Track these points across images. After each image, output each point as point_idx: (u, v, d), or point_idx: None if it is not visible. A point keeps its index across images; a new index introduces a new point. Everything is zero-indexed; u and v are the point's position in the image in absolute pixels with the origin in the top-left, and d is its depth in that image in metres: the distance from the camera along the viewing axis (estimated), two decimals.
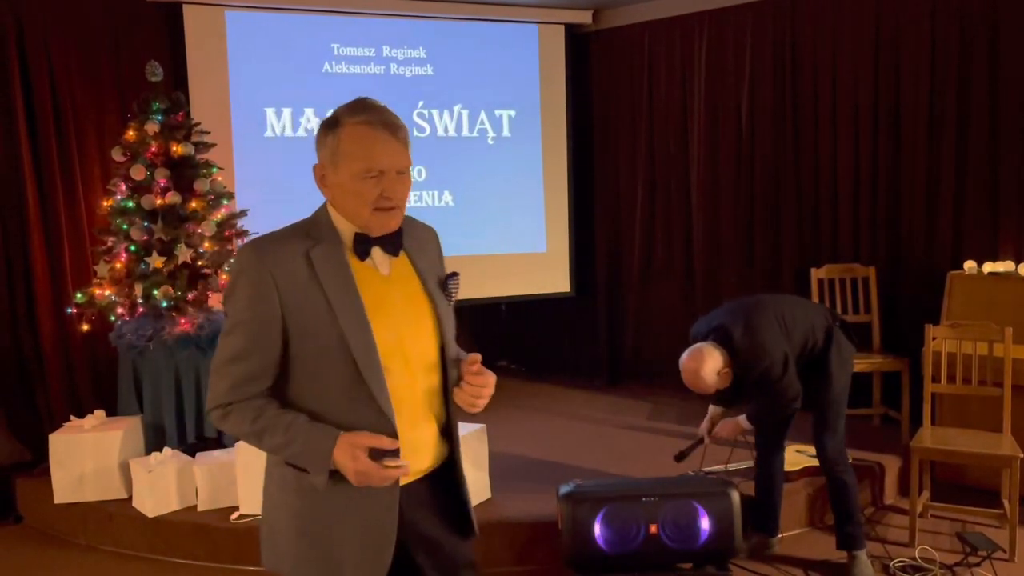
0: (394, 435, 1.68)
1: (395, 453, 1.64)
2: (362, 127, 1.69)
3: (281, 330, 1.68)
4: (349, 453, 1.62)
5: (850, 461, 3.51)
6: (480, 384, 1.79)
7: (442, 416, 1.84)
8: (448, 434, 1.86)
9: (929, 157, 4.81)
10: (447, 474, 1.87)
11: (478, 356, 1.79)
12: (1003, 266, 4.38)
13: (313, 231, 1.75)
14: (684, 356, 3.23)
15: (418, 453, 1.78)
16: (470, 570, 1.92)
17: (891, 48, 4.90)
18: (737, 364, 3.20)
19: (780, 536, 3.73)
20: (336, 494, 1.70)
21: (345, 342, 1.66)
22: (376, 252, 1.77)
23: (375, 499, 1.71)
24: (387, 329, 1.73)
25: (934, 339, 3.91)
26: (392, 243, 1.77)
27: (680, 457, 3.65)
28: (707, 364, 3.16)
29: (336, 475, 1.67)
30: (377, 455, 1.63)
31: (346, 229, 1.76)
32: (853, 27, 5.01)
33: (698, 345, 3.23)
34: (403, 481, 1.74)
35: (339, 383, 1.69)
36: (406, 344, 1.76)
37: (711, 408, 3.56)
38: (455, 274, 1.92)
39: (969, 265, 4.45)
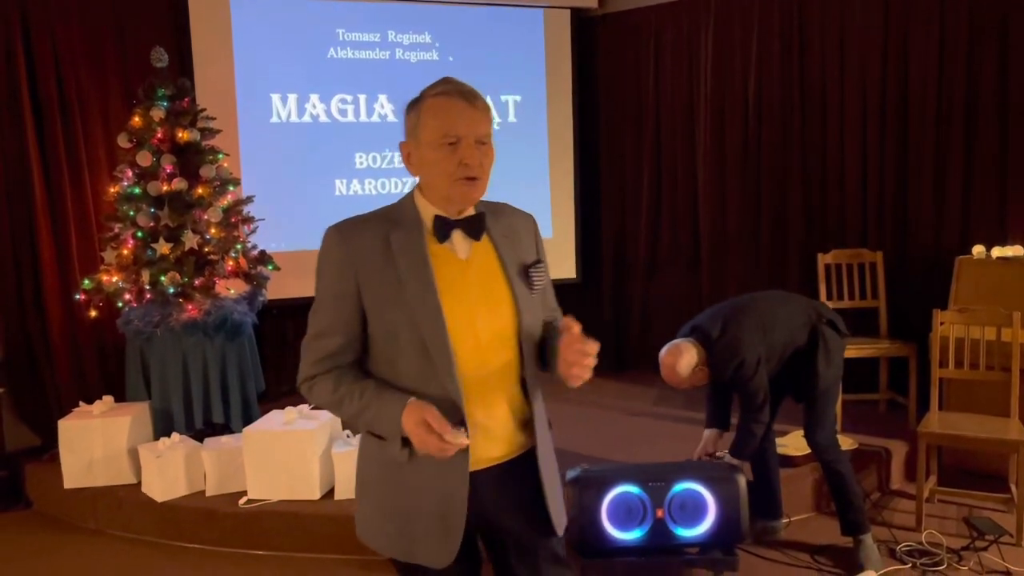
0: (460, 415, 1.70)
1: (461, 429, 1.65)
2: (440, 98, 1.73)
3: (359, 309, 1.74)
4: (414, 418, 1.64)
5: (843, 448, 3.53)
6: (577, 352, 1.71)
7: (519, 404, 1.83)
8: (528, 424, 1.84)
9: (937, 141, 4.77)
10: (524, 465, 1.84)
11: (574, 323, 1.72)
12: (1012, 250, 4.36)
13: (395, 215, 1.79)
14: (662, 351, 3.31)
15: (489, 439, 1.78)
16: (554, 565, 1.88)
17: (900, 30, 4.86)
18: (711, 362, 3.26)
19: (787, 521, 3.74)
20: (413, 470, 1.74)
21: (415, 322, 1.70)
22: (456, 235, 1.78)
23: (446, 480, 1.73)
24: (459, 311, 1.73)
25: (942, 324, 3.89)
26: (473, 227, 1.78)
27: None
28: (682, 359, 3.22)
29: (414, 451, 1.70)
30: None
31: (428, 212, 1.78)
32: (861, 10, 4.96)
33: (676, 341, 3.31)
34: (473, 467, 1.74)
35: (410, 362, 1.73)
36: (479, 328, 1.76)
37: (705, 432, 3.57)
38: (539, 262, 1.88)
39: (977, 249, 4.43)
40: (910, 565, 3.39)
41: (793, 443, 4.01)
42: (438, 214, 1.76)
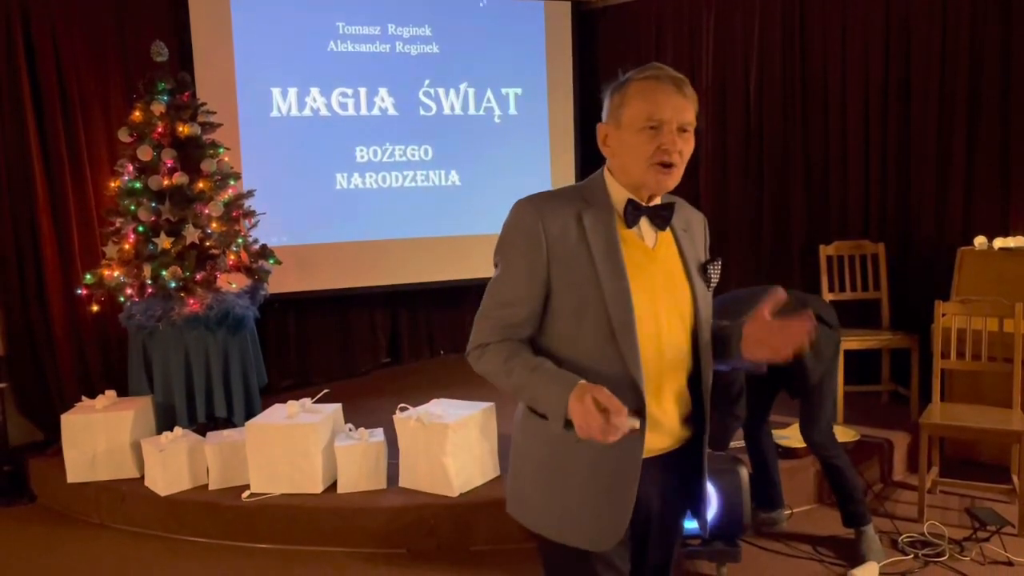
0: (639, 396, 1.69)
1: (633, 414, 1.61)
2: (648, 81, 1.71)
3: (545, 282, 1.72)
4: (580, 395, 1.59)
5: (844, 440, 3.54)
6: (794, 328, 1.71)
7: (685, 398, 1.82)
8: (692, 419, 1.84)
9: (940, 132, 4.76)
10: (685, 460, 1.86)
11: (781, 293, 1.76)
12: (1014, 241, 4.35)
13: (587, 195, 1.77)
14: None
15: (657, 429, 1.77)
16: (674, 561, 1.97)
17: (902, 20, 4.84)
18: None
19: (789, 512, 3.74)
20: (583, 450, 1.70)
21: (604, 301, 1.69)
22: (644, 223, 1.78)
23: (621, 462, 1.72)
24: (644, 298, 1.73)
25: (944, 315, 3.89)
26: (661, 216, 1.78)
27: None
28: None
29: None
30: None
31: (619, 196, 1.77)
32: (864, 1, 4.95)
33: None
34: (644, 454, 1.73)
35: (593, 341, 1.71)
36: (661, 317, 1.76)
37: None
38: (717, 259, 1.88)
39: (979, 240, 4.42)
40: (912, 556, 3.40)
41: (795, 435, 4.00)
42: (631, 199, 1.75)
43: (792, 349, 1.72)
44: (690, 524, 3.09)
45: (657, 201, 1.80)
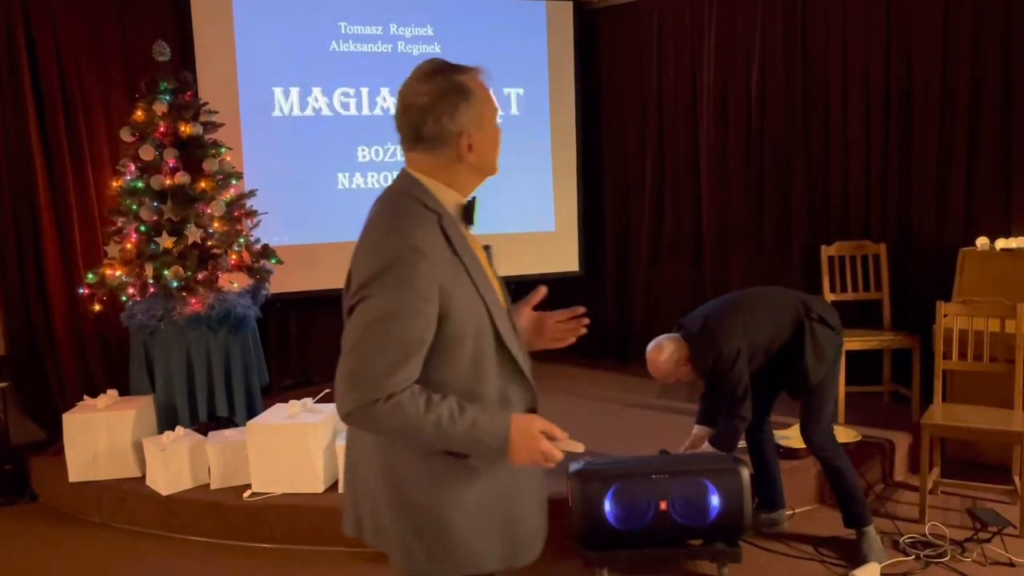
0: (534, 397, 1.75)
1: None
2: (482, 77, 1.73)
3: (437, 313, 1.57)
4: (521, 427, 1.60)
5: (845, 440, 3.56)
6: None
7: None
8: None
9: (941, 133, 4.76)
10: None
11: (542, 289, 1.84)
12: (1016, 242, 4.35)
13: (428, 202, 1.66)
14: (648, 346, 3.40)
15: None
16: None
17: (904, 20, 4.83)
18: (692, 357, 3.32)
19: (790, 512, 3.74)
20: (519, 473, 1.73)
21: (490, 317, 1.65)
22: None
23: (535, 476, 1.80)
24: (501, 301, 1.74)
25: (945, 316, 3.89)
26: (472, 212, 1.76)
27: (664, 453, 3.71)
28: (663, 354, 3.32)
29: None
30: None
31: (450, 200, 1.70)
32: (865, 1, 4.94)
33: (661, 336, 3.40)
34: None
35: (491, 361, 1.66)
36: (512, 318, 1.76)
37: (695, 429, 3.58)
38: (488, 247, 1.87)
39: (981, 241, 4.42)
40: (914, 557, 3.40)
41: (795, 435, 3.99)
42: (466, 199, 1.72)
43: (569, 340, 1.83)
44: (693, 525, 3.14)
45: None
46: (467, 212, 1.71)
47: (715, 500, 3.15)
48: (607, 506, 3.14)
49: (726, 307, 3.40)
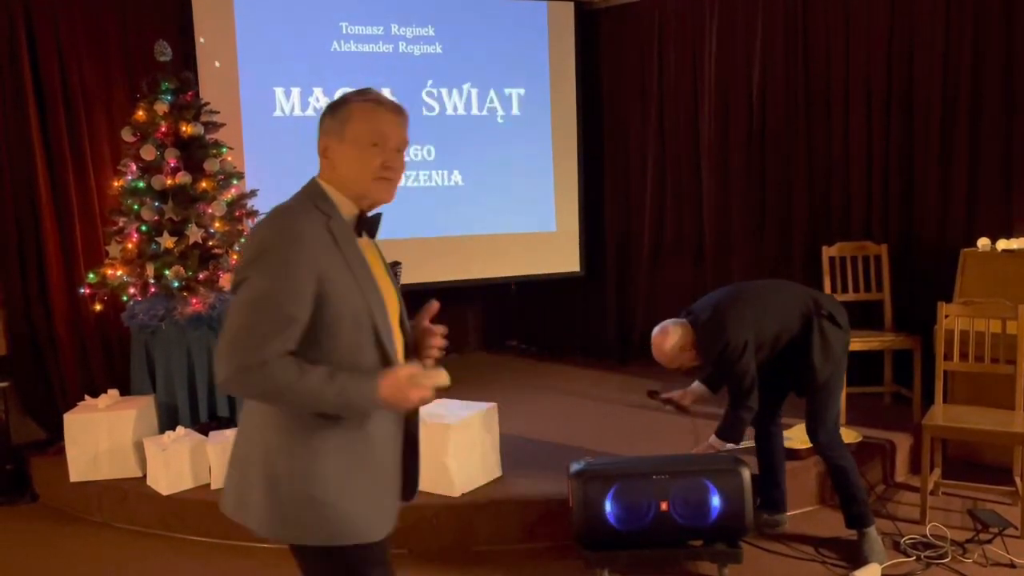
0: (413, 414, 1.92)
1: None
2: (371, 103, 1.84)
3: (315, 295, 1.73)
4: (395, 386, 1.73)
5: (847, 441, 3.56)
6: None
7: None
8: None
9: (943, 133, 4.75)
10: (408, 438, 2.01)
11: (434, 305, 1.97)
12: (1017, 243, 4.35)
13: (322, 205, 1.83)
14: (654, 331, 3.39)
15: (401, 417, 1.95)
16: None
17: (905, 21, 4.84)
18: (698, 344, 3.32)
19: (786, 515, 3.74)
20: (376, 445, 1.85)
21: (370, 312, 1.79)
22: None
23: (396, 445, 1.91)
24: (385, 298, 1.87)
25: (947, 317, 3.89)
26: (375, 227, 1.90)
27: (652, 393, 3.73)
28: (669, 339, 3.31)
29: (368, 433, 1.82)
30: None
31: (345, 206, 1.86)
32: (867, 1, 4.94)
33: (666, 321, 3.39)
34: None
35: (370, 350, 1.81)
36: (392, 317, 1.90)
37: (695, 383, 3.59)
38: (398, 263, 2.05)
39: (983, 242, 4.42)
40: (915, 558, 3.39)
41: (797, 436, 4.00)
42: (362, 210, 1.87)
43: (431, 353, 1.98)
44: (693, 525, 3.14)
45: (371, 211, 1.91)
46: (359, 224, 1.86)
47: (716, 501, 3.15)
48: (608, 506, 3.14)
49: (736, 297, 3.39)
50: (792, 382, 3.46)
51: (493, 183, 5.97)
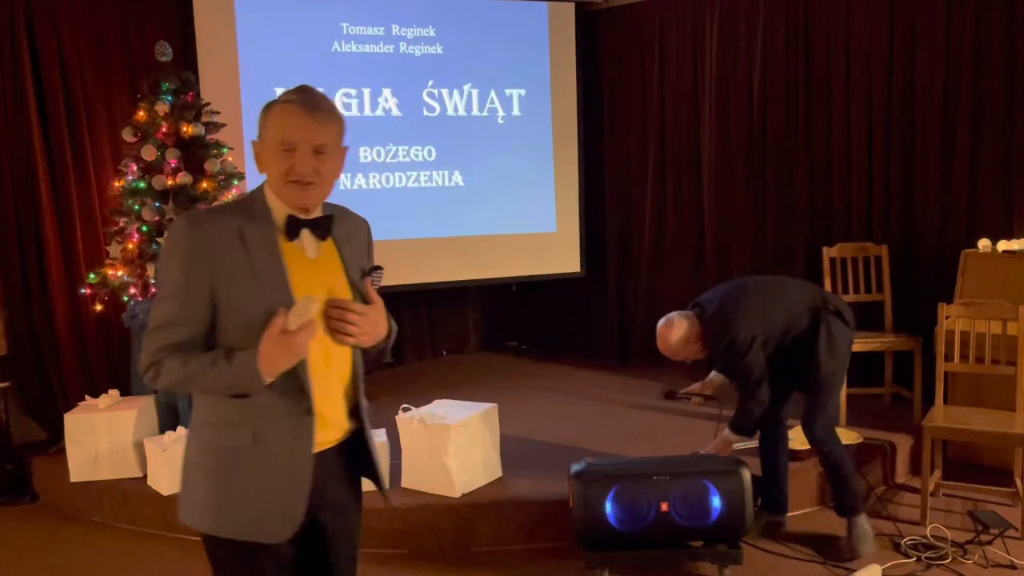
0: (308, 400, 1.83)
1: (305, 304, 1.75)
2: (284, 105, 1.80)
3: (210, 300, 1.78)
4: (271, 344, 1.72)
5: (847, 442, 3.61)
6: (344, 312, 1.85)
7: (350, 394, 1.98)
8: (355, 411, 1.99)
9: (943, 134, 4.75)
10: (357, 447, 2.01)
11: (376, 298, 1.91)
12: (1018, 244, 4.34)
13: (248, 210, 1.84)
14: (659, 322, 3.41)
15: (329, 426, 1.91)
16: (357, 544, 2.12)
17: (906, 23, 4.83)
18: (704, 336, 3.33)
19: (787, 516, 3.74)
20: (258, 453, 1.83)
21: (268, 314, 1.75)
22: (305, 235, 1.86)
23: (292, 458, 1.84)
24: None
25: (947, 318, 3.89)
26: (322, 227, 1.87)
27: (670, 394, 3.72)
28: (674, 331, 3.34)
29: (260, 436, 1.82)
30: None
31: (280, 210, 1.85)
32: (868, 2, 4.94)
33: (673, 313, 3.41)
34: (317, 448, 1.87)
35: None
36: (323, 323, 1.86)
37: (712, 373, 3.59)
38: (379, 267, 1.98)
39: (983, 243, 4.42)
40: (915, 559, 3.39)
41: (797, 436, 4.00)
42: (291, 213, 1.84)
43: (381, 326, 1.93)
44: (694, 526, 3.13)
45: (319, 212, 1.88)
46: (288, 227, 1.84)
47: (716, 501, 3.15)
48: (608, 507, 3.14)
49: (744, 290, 3.41)
50: (796, 380, 3.46)
51: (494, 184, 5.96)
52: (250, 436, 1.82)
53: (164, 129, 4.37)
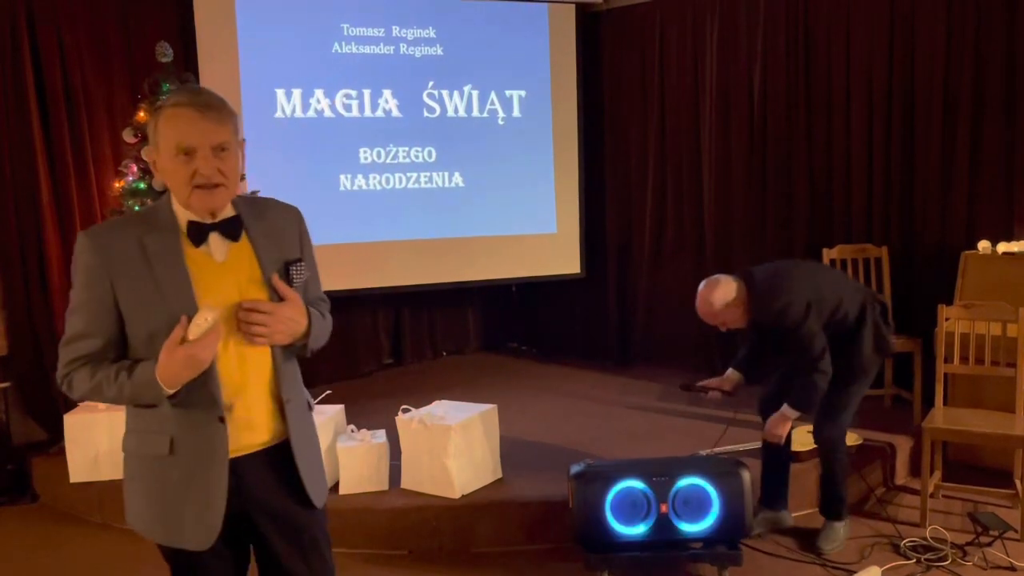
0: (217, 405, 1.82)
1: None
2: (173, 109, 1.76)
3: (115, 312, 1.80)
4: (169, 356, 1.70)
5: (848, 444, 3.62)
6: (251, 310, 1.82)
7: (276, 395, 1.92)
8: (284, 414, 1.94)
9: (944, 136, 4.76)
10: (285, 451, 1.94)
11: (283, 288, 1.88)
12: (1018, 246, 4.35)
13: (150, 218, 1.84)
14: (701, 284, 3.32)
15: (252, 429, 1.89)
16: (316, 539, 2.02)
17: (906, 24, 4.84)
18: (753, 301, 3.23)
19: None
20: (173, 463, 1.86)
21: (171, 322, 1.73)
22: (214, 238, 1.84)
23: (207, 468, 1.84)
24: (224, 314, 1.79)
25: (947, 320, 3.89)
26: (229, 228, 1.84)
27: (686, 387, 3.69)
28: (718, 290, 3.23)
29: (176, 445, 1.84)
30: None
31: (183, 216, 1.83)
32: (867, 2, 4.94)
33: (717, 275, 3.32)
34: (235, 454, 1.86)
35: None
36: (235, 326, 1.83)
37: (729, 370, 3.56)
38: (299, 260, 1.95)
39: (983, 245, 4.42)
40: (915, 560, 3.39)
41: (798, 438, 4.00)
42: (192, 219, 1.81)
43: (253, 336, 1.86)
44: (694, 527, 3.14)
45: (228, 213, 1.86)
46: (191, 234, 1.82)
47: (716, 503, 3.15)
48: (608, 508, 3.14)
49: (798, 266, 3.42)
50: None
51: (494, 185, 5.96)
52: (167, 445, 1.85)
53: None
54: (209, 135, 1.74)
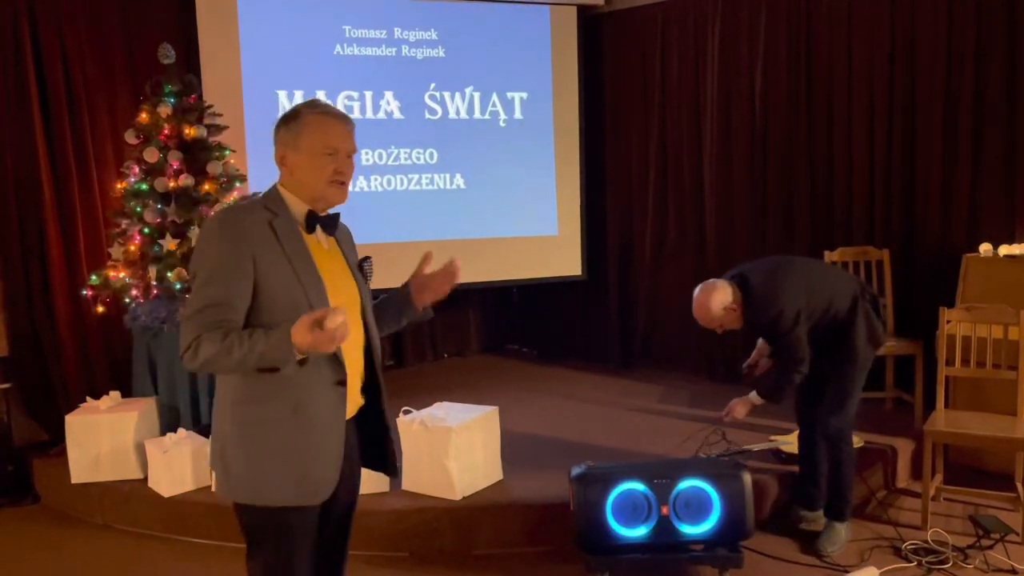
0: (343, 370, 2.06)
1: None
2: (321, 115, 2.05)
3: (251, 284, 1.96)
4: (298, 328, 1.85)
5: (854, 444, 3.60)
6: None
7: (362, 372, 2.19)
8: (367, 388, 2.20)
9: (945, 138, 4.75)
10: (367, 420, 2.23)
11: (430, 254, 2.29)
12: (1019, 249, 4.34)
13: (271, 205, 2.06)
14: (697, 288, 3.38)
15: (352, 398, 2.14)
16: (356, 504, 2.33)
17: (907, 25, 4.84)
18: (748, 308, 3.32)
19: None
20: (300, 426, 2.02)
21: (307, 298, 1.98)
22: (318, 229, 2.11)
23: (332, 427, 2.06)
24: (331, 289, 2.06)
25: (949, 322, 3.89)
26: (332, 224, 2.13)
27: (747, 375, 3.74)
28: (715, 296, 3.30)
29: (298, 407, 2.00)
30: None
31: (297, 207, 2.08)
32: (869, 4, 4.95)
33: (712, 279, 3.38)
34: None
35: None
36: (343, 303, 2.01)
37: (753, 394, 3.58)
38: (368, 258, 2.25)
39: (985, 248, 4.41)
40: (916, 563, 3.39)
41: (796, 439, 4.00)
42: (311, 209, 2.07)
43: (448, 288, 2.27)
44: (694, 530, 3.14)
45: (328, 211, 2.13)
46: (308, 222, 2.07)
47: (717, 505, 3.15)
48: (609, 510, 3.14)
49: (791, 265, 3.44)
50: (831, 367, 3.46)
51: (495, 187, 5.97)
52: (290, 408, 2.00)
53: (166, 131, 4.37)
54: (349, 141, 2.06)
